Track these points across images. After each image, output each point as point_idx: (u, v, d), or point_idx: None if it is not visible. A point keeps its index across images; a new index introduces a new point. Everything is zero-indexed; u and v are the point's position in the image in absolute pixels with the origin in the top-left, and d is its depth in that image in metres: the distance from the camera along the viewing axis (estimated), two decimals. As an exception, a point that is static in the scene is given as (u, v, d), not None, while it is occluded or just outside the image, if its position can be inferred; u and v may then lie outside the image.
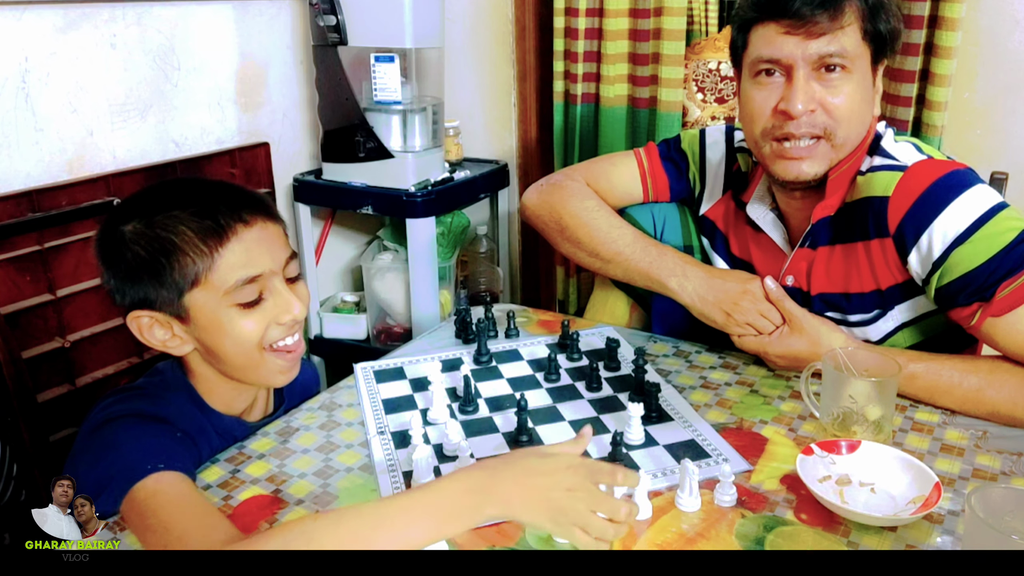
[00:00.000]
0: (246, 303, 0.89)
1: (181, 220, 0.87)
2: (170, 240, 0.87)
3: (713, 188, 1.27)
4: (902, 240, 1.02)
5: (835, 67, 1.01)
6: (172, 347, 0.92)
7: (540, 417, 1.03)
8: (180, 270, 0.87)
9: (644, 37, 1.96)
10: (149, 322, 0.90)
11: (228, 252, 0.88)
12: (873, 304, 1.09)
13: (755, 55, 1.05)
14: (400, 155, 1.94)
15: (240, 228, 0.89)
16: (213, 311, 0.89)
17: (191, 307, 0.89)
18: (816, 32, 0.99)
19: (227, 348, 0.91)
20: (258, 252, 0.90)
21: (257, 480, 0.92)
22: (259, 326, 0.90)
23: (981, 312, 0.98)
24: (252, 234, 0.89)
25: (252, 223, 0.90)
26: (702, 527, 0.82)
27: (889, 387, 0.94)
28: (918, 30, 1.64)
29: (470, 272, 2.26)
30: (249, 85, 1.98)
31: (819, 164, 1.05)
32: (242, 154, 1.95)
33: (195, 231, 0.87)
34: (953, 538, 0.79)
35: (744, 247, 1.22)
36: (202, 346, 0.92)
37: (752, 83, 1.07)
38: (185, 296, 0.88)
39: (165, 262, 0.87)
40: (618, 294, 1.33)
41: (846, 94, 1.02)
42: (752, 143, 1.11)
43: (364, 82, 1.93)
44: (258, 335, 0.91)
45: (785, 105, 1.02)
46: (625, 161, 1.33)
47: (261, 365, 0.93)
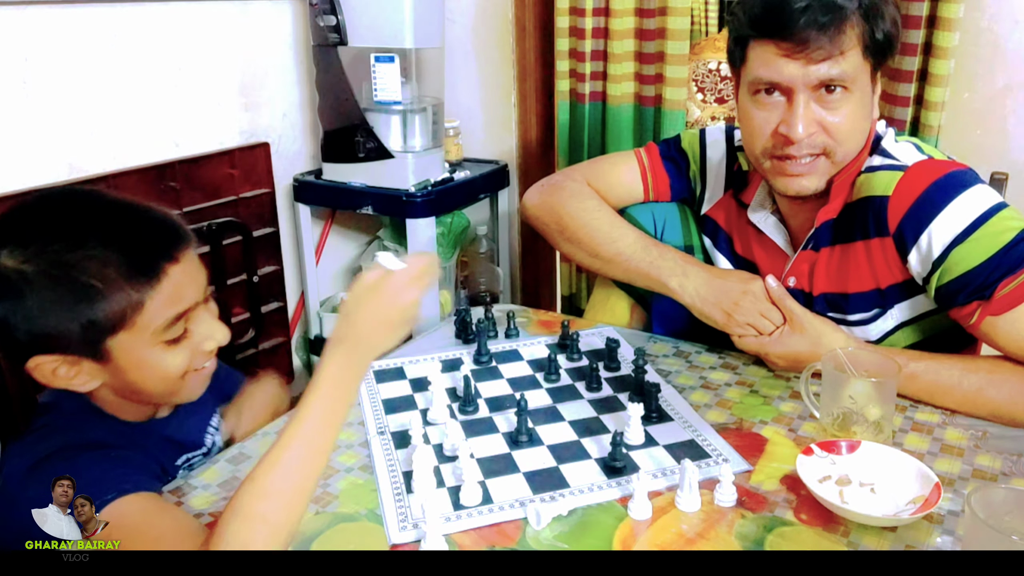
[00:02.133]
0: (172, 339, 0.83)
1: (102, 261, 0.78)
2: (92, 284, 0.77)
3: (715, 187, 1.27)
4: (902, 239, 1.02)
5: (835, 88, 1.00)
6: (77, 385, 0.83)
7: (540, 417, 1.03)
8: (103, 314, 0.78)
9: (650, 36, 1.96)
10: (54, 365, 0.81)
11: (158, 294, 0.80)
12: (872, 303, 1.09)
13: (754, 75, 1.04)
14: (400, 155, 1.94)
15: (169, 267, 0.81)
16: (138, 351, 0.82)
17: (113, 349, 0.81)
18: (817, 58, 0.97)
19: (150, 384, 0.85)
20: (185, 286, 0.84)
21: (257, 480, 0.91)
22: (185, 359, 0.85)
23: (981, 311, 0.98)
24: (180, 269, 0.83)
25: (180, 258, 0.83)
26: (702, 527, 0.82)
27: (889, 387, 0.94)
28: (916, 30, 1.64)
29: (470, 272, 2.26)
30: (249, 85, 1.98)
31: (819, 179, 1.06)
32: (242, 154, 1.95)
33: (122, 274, 0.78)
34: (953, 538, 0.79)
35: (747, 247, 1.22)
36: (118, 383, 0.85)
37: (751, 101, 1.06)
38: (107, 340, 0.80)
39: (86, 306, 0.78)
40: (619, 294, 1.33)
41: (846, 114, 1.01)
42: (752, 158, 1.11)
43: (364, 82, 1.93)
44: (184, 368, 0.86)
45: (786, 130, 1.02)
46: (625, 161, 1.33)
47: (179, 389, 0.88)
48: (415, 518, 0.84)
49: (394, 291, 0.77)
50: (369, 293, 0.77)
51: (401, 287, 0.77)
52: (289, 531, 0.74)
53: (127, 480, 0.79)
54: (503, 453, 0.95)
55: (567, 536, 0.81)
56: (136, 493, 0.78)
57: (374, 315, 0.77)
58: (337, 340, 0.77)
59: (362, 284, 0.78)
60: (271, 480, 0.73)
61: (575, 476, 0.90)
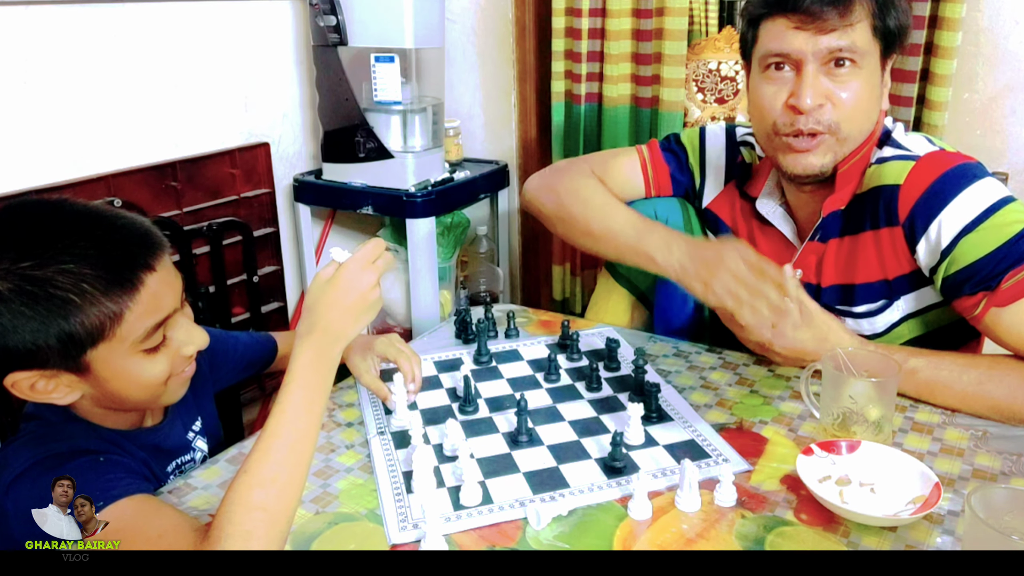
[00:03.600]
0: (151, 348, 0.83)
1: (77, 275, 0.76)
2: (69, 299, 0.76)
3: (714, 180, 1.27)
4: (912, 229, 1.03)
5: (844, 62, 1.02)
6: (56, 398, 0.82)
7: (540, 417, 1.03)
8: (82, 327, 0.77)
9: (647, 37, 1.96)
10: (32, 381, 0.80)
11: (136, 304, 0.80)
12: (879, 294, 1.09)
13: (765, 49, 1.06)
14: (400, 155, 1.94)
15: (146, 276, 0.81)
16: (118, 362, 0.81)
17: (93, 361, 0.80)
18: (827, 28, 1.00)
19: (132, 393, 0.85)
20: (163, 295, 0.83)
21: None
22: (166, 366, 0.85)
23: (986, 302, 0.99)
24: (156, 278, 0.82)
25: (156, 266, 0.82)
26: (702, 527, 0.82)
27: (889, 387, 0.94)
28: (919, 30, 1.65)
29: (470, 272, 2.26)
30: (249, 85, 1.98)
31: (825, 156, 1.06)
32: (242, 154, 1.95)
33: (99, 286, 0.77)
34: (953, 538, 0.79)
35: (752, 240, 1.22)
36: (98, 393, 0.84)
37: (762, 77, 1.08)
38: (87, 353, 0.79)
39: (63, 321, 0.76)
40: (620, 293, 1.33)
41: (854, 89, 1.03)
42: (763, 137, 1.11)
43: (364, 82, 1.93)
44: (166, 373, 0.85)
45: (795, 101, 1.03)
46: (627, 154, 1.33)
47: (161, 395, 0.88)
48: (415, 518, 0.84)
49: (349, 279, 0.81)
50: (325, 285, 0.81)
51: (355, 274, 0.81)
52: (287, 519, 0.74)
53: (116, 485, 0.78)
54: (503, 453, 0.95)
55: (567, 536, 0.81)
56: (127, 497, 0.77)
57: (333, 304, 0.80)
58: (303, 333, 0.80)
59: (318, 279, 0.82)
60: (263, 468, 0.75)
61: (575, 476, 0.90)
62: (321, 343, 0.80)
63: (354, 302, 0.81)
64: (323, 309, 0.80)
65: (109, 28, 1.64)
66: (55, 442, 0.83)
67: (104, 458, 0.82)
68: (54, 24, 1.55)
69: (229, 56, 1.91)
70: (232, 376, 1.16)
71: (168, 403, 0.92)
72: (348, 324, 0.81)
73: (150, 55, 1.73)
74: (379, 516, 0.85)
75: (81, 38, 1.60)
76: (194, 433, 1.03)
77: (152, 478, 0.91)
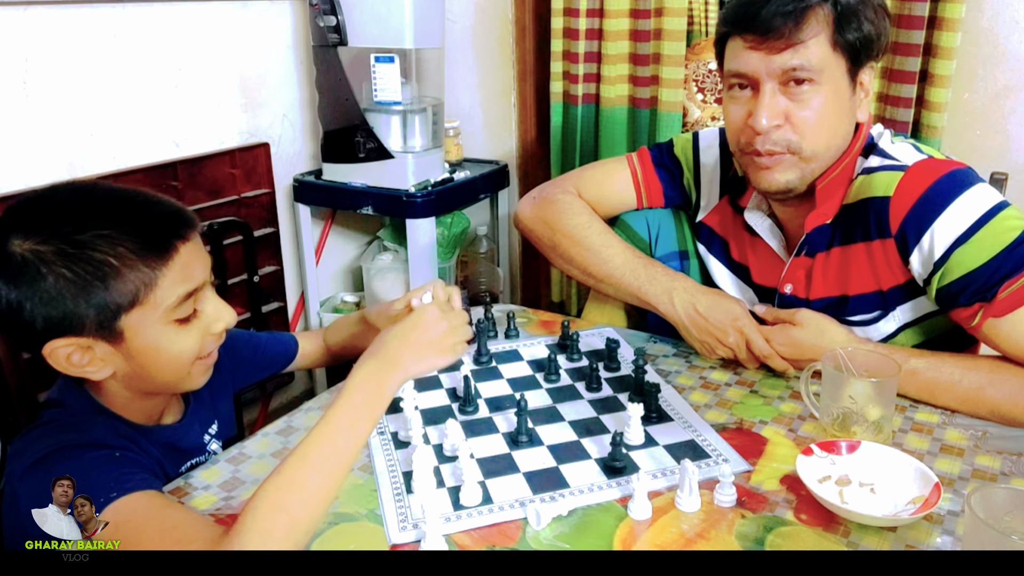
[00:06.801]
0: (183, 318, 0.86)
1: (114, 240, 0.81)
2: (107, 261, 0.80)
3: (710, 194, 1.27)
4: (904, 240, 1.02)
5: (803, 80, 1.01)
6: (91, 372, 0.85)
7: (540, 417, 1.03)
8: (117, 292, 0.81)
9: (645, 38, 1.96)
10: (69, 350, 0.83)
11: (169, 270, 0.83)
12: (874, 305, 1.09)
13: (727, 68, 1.07)
14: (400, 155, 1.94)
15: (180, 245, 0.85)
16: (150, 330, 0.84)
17: (126, 328, 0.83)
18: (778, 47, 0.99)
19: (162, 366, 0.87)
20: (194, 266, 0.86)
21: (258, 480, 0.91)
22: (196, 340, 0.88)
23: (982, 313, 0.98)
24: (188, 248, 0.86)
25: (189, 237, 0.86)
26: (702, 527, 0.82)
27: (889, 387, 0.94)
28: (918, 31, 1.64)
29: (470, 272, 2.26)
30: (249, 85, 1.98)
31: (788, 173, 1.06)
32: (242, 154, 1.95)
33: (135, 251, 0.81)
34: (953, 538, 0.79)
35: (743, 252, 1.22)
36: (129, 367, 0.86)
37: (727, 96, 1.09)
38: (121, 318, 0.82)
39: (100, 284, 0.80)
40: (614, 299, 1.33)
41: (815, 107, 1.02)
42: (735, 153, 1.13)
43: (364, 82, 1.93)
44: (196, 349, 0.88)
45: (752, 121, 1.03)
46: (618, 168, 1.33)
47: (188, 376, 0.90)
48: (415, 518, 0.84)
49: (425, 322, 0.88)
50: (404, 323, 0.89)
51: (432, 320, 0.89)
52: (307, 528, 0.75)
53: (131, 479, 0.79)
54: (503, 453, 0.95)
55: (567, 536, 0.81)
56: (140, 491, 0.78)
57: (403, 338, 0.87)
58: (368, 355, 0.85)
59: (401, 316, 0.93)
60: (296, 473, 0.76)
61: (575, 476, 0.90)
62: (379, 367, 0.84)
63: (424, 341, 0.87)
64: (391, 339, 0.87)
65: (109, 28, 1.64)
66: (74, 432, 0.84)
67: (120, 454, 0.84)
68: (54, 24, 1.55)
69: (229, 56, 1.91)
70: (254, 374, 1.18)
71: (190, 389, 0.94)
72: (409, 357, 0.86)
73: (150, 55, 1.73)
74: (379, 516, 0.85)
75: (81, 38, 1.60)
76: (210, 436, 1.04)
77: (163, 477, 0.92)
